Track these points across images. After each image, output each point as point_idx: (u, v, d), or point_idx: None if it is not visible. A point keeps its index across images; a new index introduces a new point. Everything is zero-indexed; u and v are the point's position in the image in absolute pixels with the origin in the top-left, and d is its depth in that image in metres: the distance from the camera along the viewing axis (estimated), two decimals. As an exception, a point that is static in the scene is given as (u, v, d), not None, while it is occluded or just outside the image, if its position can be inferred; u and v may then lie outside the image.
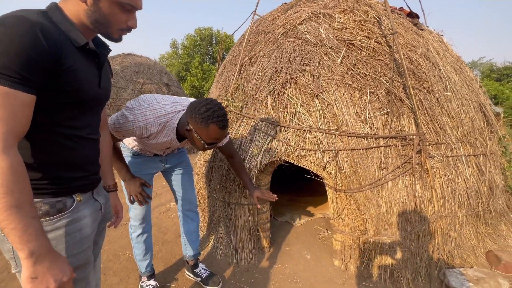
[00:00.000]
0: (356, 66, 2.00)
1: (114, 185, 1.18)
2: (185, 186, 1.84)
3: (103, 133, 1.13)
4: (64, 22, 0.75)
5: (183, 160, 1.84)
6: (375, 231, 1.87)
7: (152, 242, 1.84)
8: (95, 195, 0.95)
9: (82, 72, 0.78)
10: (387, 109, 1.88)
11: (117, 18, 0.80)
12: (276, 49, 2.24)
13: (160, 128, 1.31)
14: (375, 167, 1.83)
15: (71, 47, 0.75)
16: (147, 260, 1.80)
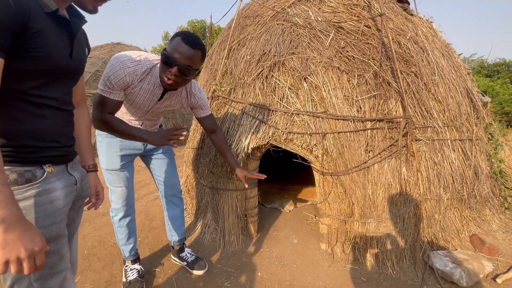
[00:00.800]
0: (345, 49, 1.98)
1: (94, 165, 1.14)
2: (168, 171, 1.79)
3: (81, 110, 1.10)
4: None
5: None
6: (361, 214, 1.88)
7: (135, 226, 1.80)
8: (70, 169, 0.92)
9: (51, 39, 0.74)
10: (374, 92, 1.87)
11: None
12: (265, 32, 2.20)
13: (145, 74, 1.30)
14: (361, 150, 1.82)
15: (40, 12, 0.72)
16: (131, 244, 1.77)
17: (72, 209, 0.98)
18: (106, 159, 1.58)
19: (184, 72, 1.22)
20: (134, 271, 1.74)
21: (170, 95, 1.44)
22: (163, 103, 1.47)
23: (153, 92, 1.37)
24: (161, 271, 1.90)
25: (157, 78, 1.33)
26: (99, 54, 6.08)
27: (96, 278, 1.82)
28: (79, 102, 1.08)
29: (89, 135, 1.14)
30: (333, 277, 1.84)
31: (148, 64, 1.30)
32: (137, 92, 1.34)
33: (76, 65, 0.88)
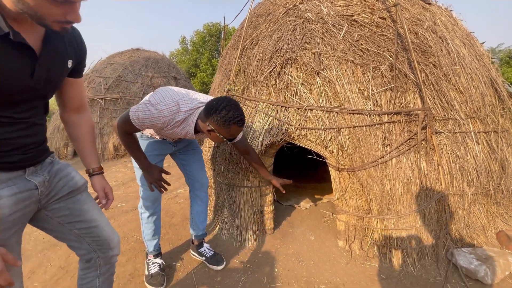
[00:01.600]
0: (359, 42, 1.95)
1: (99, 168, 1.14)
2: (197, 166, 1.87)
3: (81, 115, 1.10)
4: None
5: (192, 141, 1.87)
6: (379, 210, 1.84)
7: (160, 224, 1.88)
8: (29, 175, 0.89)
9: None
10: (391, 84, 1.83)
11: (48, 12, 0.68)
12: (277, 29, 2.21)
13: (180, 122, 1.37)
14: (378, 144, 1.78)
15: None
16: (155, 240, 1.85)
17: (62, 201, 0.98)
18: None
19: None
20: (156, 265, 1.81)
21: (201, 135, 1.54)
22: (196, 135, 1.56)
23: (185, 134, 1.47)
24: (181, 265, 1.96)
25: (191, 128, 1.41)
26: (120, 60, 6.34)
27: (121, 271, 1.91)
28: (78, 108, 1.09)
29: (91, 139, 1.13)
30: (351, 274, 1.81)
31: (184, 114, 1.35)
32: (170, 133, 1.44)
33: (40, 85, 0.84)
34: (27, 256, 2.17)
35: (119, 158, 5.45)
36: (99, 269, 1.10)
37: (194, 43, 21.81)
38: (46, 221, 1.00)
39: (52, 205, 0.98)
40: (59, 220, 1.00)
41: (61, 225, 1.01)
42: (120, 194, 3.43)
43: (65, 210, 1.00)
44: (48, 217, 0.99)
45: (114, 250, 1.12)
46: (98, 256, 1.08)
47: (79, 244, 1.05)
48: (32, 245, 2.31)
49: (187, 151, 1.84)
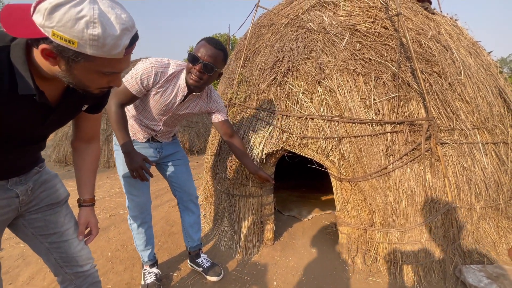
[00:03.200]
0: (361, 52, 1.93)
1: (91, 199, 1.11)
2: (183, 177, 1.82)
3: (91, 145, 1.11)
4: (21, 65, 0.69)
5: (178, 150, 1.83)
6: (382, 223, 1.78)
7: (153, 233, 1.83)
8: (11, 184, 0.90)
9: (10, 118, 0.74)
10: (393, 94, 1.80)
11: (96, 82, 0.74)
12: (279, 39, 2.22)
13: (172, 76, 1.42)
14: (381, 154, 1.74)
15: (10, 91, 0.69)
16: (149, 250, 1.81)
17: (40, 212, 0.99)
18: (122, 166, 1.61)
19: (208, 68, 1.33)
20: (152, 274, 1.78)
21: (192, 97, 1.52)
22: (184, 104, 1.55)
23: (177, 93, 1.47)
24: (178, 275, 1.92)
25: (182, 81, 1.44)
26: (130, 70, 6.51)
27: (118, 280, 1.89)
28: (90, 139, 1.11)
29: (92, 168, 1.13)
30: (353, 289, 1.74)
31: (176, 67, 1.43)
32: (162, 91, 1.44)
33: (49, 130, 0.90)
34: (27, 262, 2.17)
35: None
36: (74, 282, 1.07)
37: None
38: (21, 230, 1.00)
39: (30, 214, 0.98)
40: (32, 231, 1.00)
41: (34, 237, 1.00)
42: (122, 201, 3.43)
43: (41, 222, 1.00)
44: (24, 226, 0.99)
45: (83, 267, 1.07)
46: (65, 272, 1.05)
47: (47, 258, 1.03)
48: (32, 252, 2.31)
49: (174, 161, 1.79)
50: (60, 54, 0.64)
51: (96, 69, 0.70)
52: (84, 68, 0.68)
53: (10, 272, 2.03)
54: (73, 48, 0.63)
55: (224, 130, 1.71)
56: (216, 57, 1.34)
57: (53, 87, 0.80)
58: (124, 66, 0.74)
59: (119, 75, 0.77)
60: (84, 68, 0.68)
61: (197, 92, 1.49)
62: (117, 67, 0.72)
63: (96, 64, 0.68)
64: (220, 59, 1.36)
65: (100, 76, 0.72)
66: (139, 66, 1.36)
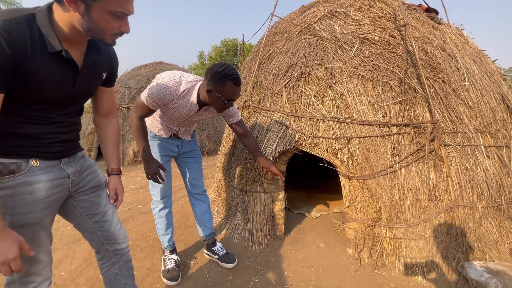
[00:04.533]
0: (369, 59, 2.07)
1: (118, 169, 1.24)
2: (195, 172, 2.02)
3: (110, 120, 1.24)
4: (46, 26, 0.81)
5: (195, 149, 2.03)
6: (388, 219, 1.89)
7: (172, 219, 2.02)
8: (64, 164, 1.03)
9: (46, 76, 0.85)
10: (400, 98, 1.92)
11: (110, 26, 0.84)
12: (292, 46, 2.38)
13: (184, 93, 1.54)
14: (387, 154, 1.86)
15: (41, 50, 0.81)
16: (169, 234, 1.98)
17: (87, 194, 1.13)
18: None
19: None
20: (172, 260, 1.93)
21: (204, 109, 1.69)
22: (198, 114, 1.72)
23: (190, 108, 1.62)
24: (195, 263, 2.07)
25: (194, 98, 1.58)
26: (144, 72, 6.77)
27: (139, 266, 2.04)
28: (108, 113, 1.23)
29: (115, 141, 1.25)
30: (359, 281, 1.85)
31: (187, 85, 1.55)
32: (176, 107, 1.60)
33: (79, 93, 1.00)
34: (54, 248, 2.35)
35: (138, 163, 5.71)
36: (112, 259, 1.22)
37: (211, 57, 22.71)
38: (70, 210, 1.14)
39: (78, 195, 1.12)
40: (80, 211, 1.14)
41: (81, 216, 1.15)
42: (138, 197, 3.62)
43: (87, 203, 1.14)
44: (73, 207, 1.13)
45: (121, 244, 1.23)
46: (106, 249, 1.20)
47: (91, 235, 1.17)
48: (59, 239, 2.49)
49: (190, 158, 1.99)
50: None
51: (110, 8, 0.81)
52: (100, 9, 0.80)
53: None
54: None
55: (238, 131, 1.85)
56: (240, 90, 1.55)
57: (75, 50, 0.92)
58: (131, 8, 0.86)
59: (127, 20, 0.88)
60: (100, 8, 0.80)
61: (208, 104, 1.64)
62: (126, 7, 0.84)
63: (110, 3, 0.80)
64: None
65: (113, 19, 0.83)
66: (153, 86, 1.50)
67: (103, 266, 1.24)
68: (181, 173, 2.07)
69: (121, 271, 1.26)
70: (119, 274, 1.25)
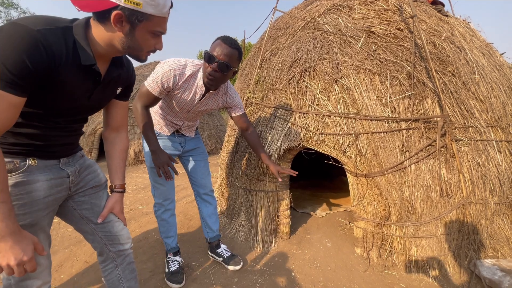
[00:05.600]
0: (376, 52, 2.01)
1: (121, 186, 1.18)
2: (201, 171, 1.94)
3: (119, 134, 1.20)
4: (81, 41, 0.83)
5: (199, 146, 1.96)
6: (398, 217, 1.84)
7: (176, 221, 1.95)
8: (63, 164, 1.00)
9: (70, 86, 0.86)
10: (409, 92, 1.86)
11: (148, 43, 0.88)
12: (296, 41, 2.32)
13: (190, 76, 1.49)
14: (397, 150, 1.81)
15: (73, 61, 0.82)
16: (172, 237, 1.91)
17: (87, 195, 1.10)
18: (150, 157, 1.71)
19: (223, 68, 1.39)
20: (175, 262, 1.87)
21: (209, 94, 1.61)
22: (203, 102, 1.64)
23: (195, 92, 1.56)
24: (199, 265, 2.01)
25: (200, 80, 1.52)
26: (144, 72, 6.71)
27: (142, 268, 1.99)
28: (118, 127, 1.20)
29: (121, 156, 1.21)
30: (369, 281, 1.80)
31: (193, 68, 1.50)
32: (182, 92, 1.54)
33: (91, 105, 1.00)
34: (54, 251, 2.29)
35: (139, 164, 5.66)
36: (115, 261, 1.17)
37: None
38: (70, 212, 1.10)
39: (78, 196, 1.09)
40: (80, 212, 1.10)
41: (81, 218, 1.11)
42: (140, 198, 3.56)
43: (88, 204, 1.11)
44: (72, 208, 1.09)
45: (124, 245, 1.18)
46: (109, 250, 1.15)
47: (93, 237, 1.13)
48: (59, 241, 2.44)
49: (194, 156, 1.92)
50: (128, 18, 0.80)
51: (151, 29, 0.84)
52: (144, 29, 0.83)
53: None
54: (139, 9, 0.79)
55: (241, 124, 1.80)
56: (231, 56, 1.38)
57: (101, 64, 0.93)
58: (166, 27, 0.90)
59: (161, 38, 0.92)
60: (144, 28, 0.83)
61: (213, 90, 1.57)
62: (163, 26, 0.88)
63: (152, 23, 0.83)
64: (235, 58, 1.41)
65: (151, 37, 0.87)
66: (158, 70, 1.44)
67: (106, 268, 1.19)
68: (187, 172, 2.00)
69: (125, 274, 1.22)
70: (122, 276, 1.21)
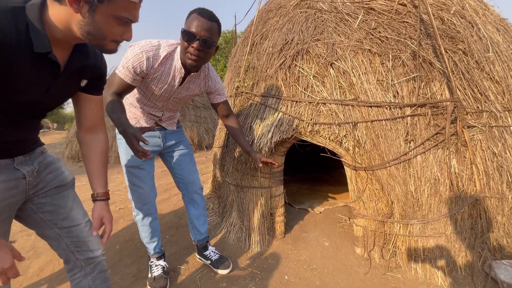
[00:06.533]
0: (376, 30, 1.79)
1: (104, 193, 1.05)
2: (187, 167, 1.75)
3: (95, 136, 1.06)
4: (36, 24, 0.71)
5: (182, 140, 1.75)
6: (402, 214, 1.65)
7: (158, 225, 1.77)
8: (18, 164, 0.88)
9: (22, 76, 0.73)
10: (413, 74, 1.65)
11: (112, 31, 0.76)
12: (287, 22, 2.10)
13: (166, 58, 1.31)
14: (400, 139, 1.60)
15: (26, 49, 0.70)
16: (155, 242, 1.75)
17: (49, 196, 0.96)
18: (125, 156, 1.56)
19: (206, 45, 1.22)
20: (159, 267, 1.72)
21: (190, 77, 1.43)
22: (184, 87, 1.46)
23: (174, 76, 1.37)
24: (186, 269, 1.86)
25: (177, 62, 1.34)
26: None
27: (125, 272, 1.85)
28: (94, 127, 1.05)
29: (103, 161, 1.07)
30: (370, 285, 1.62)
31: (168, 48, 1.32)
32: (159, 76, 1.35)
33: (50, 100, 0.87)
34: (38, 253, 2.18)
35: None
36: (83, 269, 1.04)
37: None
38: (30, 216, 0.97)
39: (38, 198, 0.96)
40: (42, 216, 0.97)
41: (43, 222, 0.98)
42: (132, 195, 3.42)
43: (50, 206, 0.98)
44: (33, 211, 0.97)
45: (94, 252, 1.04)
46: (76, 258, 1.02)
47: (57, 243, 1.00)
48: (44, 242, 2.31)
49: (178, 151, 1.72)
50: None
51: (115, 13, 0.73)
52: (105, 12, 0.72)
53: (21, 264, 2.03)
54: None
55: (222, 112, 1.65)
56: (212, 30, 1.22)
57: (60, 52, 0.80)
58: (137, 15, 0.78)
59: (131, 27, 0.80)
60: (105, 11, 0.72)
61: (195, 72, 1.39)
62: (133, 13, 0.76)
63: (117, 7, 0.72)
64: (216, 31, 1.25)
65: (117, 24, 0.76)
66: (128, 53, 1.26)
67: (74, 278, 1.05)
68: (171, 170, 1.80)
69: (95, 283, 1.08)
70: (92, 286, 1.07)
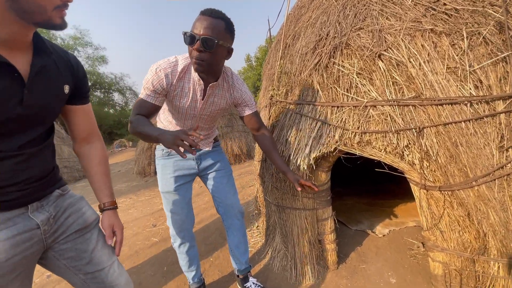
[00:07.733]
0: (440, 2, 1.35)
1: (112, 202, 1.03)
2: (225, 189, 1.61)
3: (92, 145, 1.03)
4: None
5: (219, 160, 1.63)
6: (501, 251, 1.17)
7: (197, 252, 1.68)
8: (32, 212, 0.82)
9: None
10: (502, 53, 1.17)
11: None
12: (321, 14, 1.80)
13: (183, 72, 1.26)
14: (491, 147, 1.14)
15: None
16: (193, 272, 1.67)
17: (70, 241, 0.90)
18: (161, 181, 1.54)
19: (207, 44, 1.08)
20: (198, 298, 1.61)
21: (212, 89, 1.31)
22: (208, 101, 1.35)
23: (194, 90, 1.28)
24: (227, 300, 1.71)
25: (195, 73, 1.24)
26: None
27: (166, 300, 1.80)
28: (88, 137, 1.02)
29: (103, 170, 1.04)
30: None
31: (184, 61, 1.25)
32: (179, 92, 1.28)
33: (32, 112, 0.77)
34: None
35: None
36: None
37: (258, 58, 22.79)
38: (53, 263, 0.92)
39: (59, 245, 0.90)
40: (65, 262, 0.92)
41: (67, 269, 0.92)
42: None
43: (72, 251, 0.91)
44: (55, 259, 0.91)
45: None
46: None
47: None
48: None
49: (215, 172, 1.60)
50: None
51: None
52: None
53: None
54: None
55: (251, 125, 1.48)
56: (214, 27, 1.08)
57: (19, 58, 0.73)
58: None
59: None
60: None
61: (213, 81, 1.27)
62: None
63: None
64: (221, 29, 1.11)
65: None
66: (148, 74, 1.23)
67: None
68: (210, 192, 1.70)
69: None
70: None
